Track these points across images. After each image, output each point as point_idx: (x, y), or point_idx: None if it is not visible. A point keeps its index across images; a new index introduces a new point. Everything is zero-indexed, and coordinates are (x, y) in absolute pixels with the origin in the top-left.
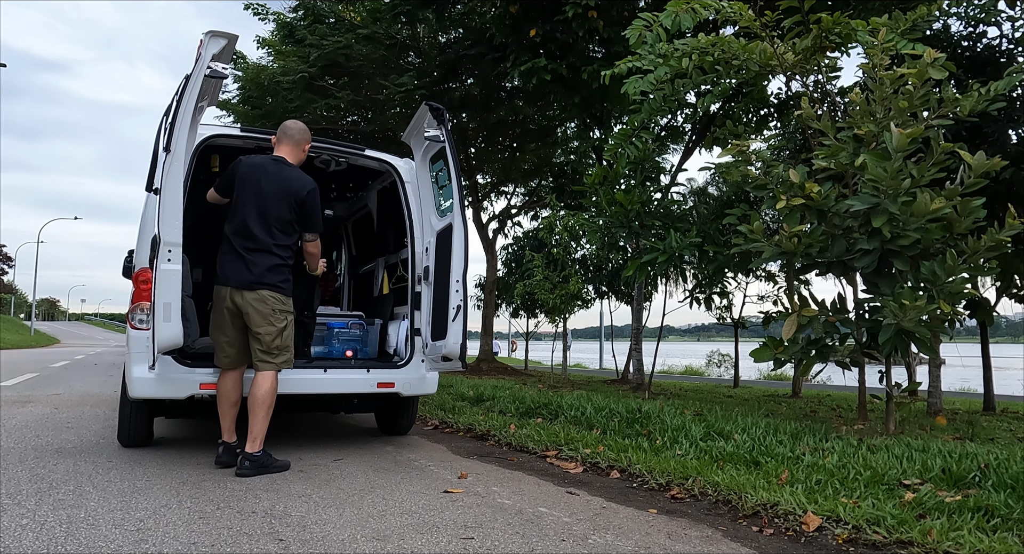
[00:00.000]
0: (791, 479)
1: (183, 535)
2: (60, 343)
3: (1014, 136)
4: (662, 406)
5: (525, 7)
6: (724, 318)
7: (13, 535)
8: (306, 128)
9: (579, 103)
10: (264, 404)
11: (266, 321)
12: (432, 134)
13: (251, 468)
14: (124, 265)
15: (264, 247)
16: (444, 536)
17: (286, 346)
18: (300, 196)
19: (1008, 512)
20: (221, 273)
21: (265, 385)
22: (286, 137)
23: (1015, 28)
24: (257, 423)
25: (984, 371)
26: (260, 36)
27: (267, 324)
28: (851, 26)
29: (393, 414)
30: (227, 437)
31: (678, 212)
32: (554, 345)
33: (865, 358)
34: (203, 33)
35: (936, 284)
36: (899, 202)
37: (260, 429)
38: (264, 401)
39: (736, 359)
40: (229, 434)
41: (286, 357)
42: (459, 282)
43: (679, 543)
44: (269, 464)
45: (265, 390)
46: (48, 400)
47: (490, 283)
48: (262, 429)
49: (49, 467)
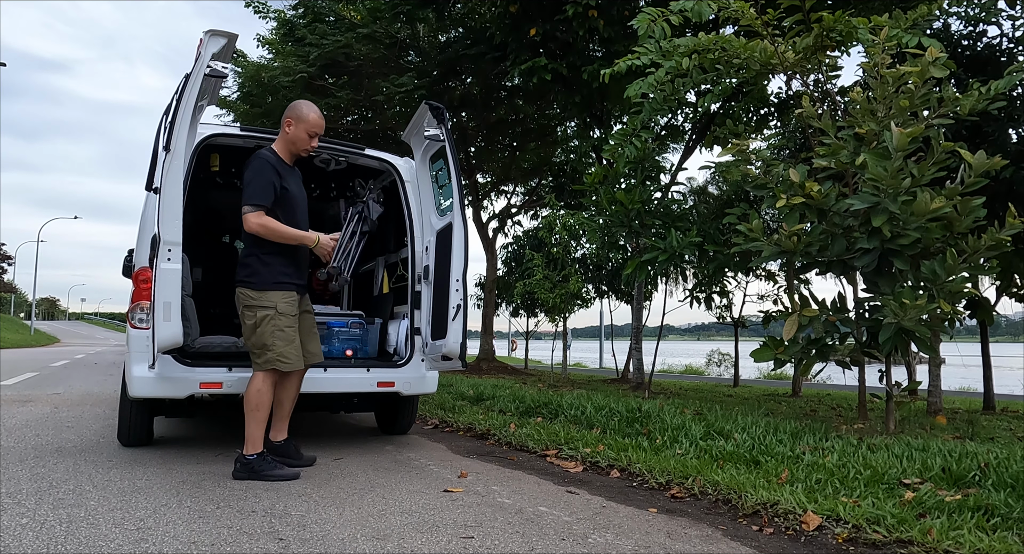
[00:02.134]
0: (791, 478)
1: (183, 534)
2: (60, 342)
3: (1014, 135)
4: (662, 405)
5: (525, 6)
6: (724, 317)
7: (13, 535)
8: (296, 104)
9: (579, 102)
10: (249, 406)
11: (242, 319)
12: (432, 133)
13: (241, 470)
14: (124, 264)
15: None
16: (444, 535)
17: (264, 344)
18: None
19: (1008, 511)
20: None
21: (250, 387)
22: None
23: (1015, 27)
24: (247, 425)
25: (984, 370)
26: (260, 35)
27: (243, 321)
28: (852, 25)
29: (393, 413)
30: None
31: (678, 211)
32: (554, 344)
33: (865, 357)
34: (203, 32)
35: (936, 283)
36: (899, 201)
37: (250, 432)
38: (249, 403)
39: (736, 358)
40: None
41: (268, 357)
42: (459, 281)
43: (679, 542)
44: (262, 469)
45: (250, 392)
46: (48, 399)
47: (490, 282)
48: (252, 432)
49: (49, 466)
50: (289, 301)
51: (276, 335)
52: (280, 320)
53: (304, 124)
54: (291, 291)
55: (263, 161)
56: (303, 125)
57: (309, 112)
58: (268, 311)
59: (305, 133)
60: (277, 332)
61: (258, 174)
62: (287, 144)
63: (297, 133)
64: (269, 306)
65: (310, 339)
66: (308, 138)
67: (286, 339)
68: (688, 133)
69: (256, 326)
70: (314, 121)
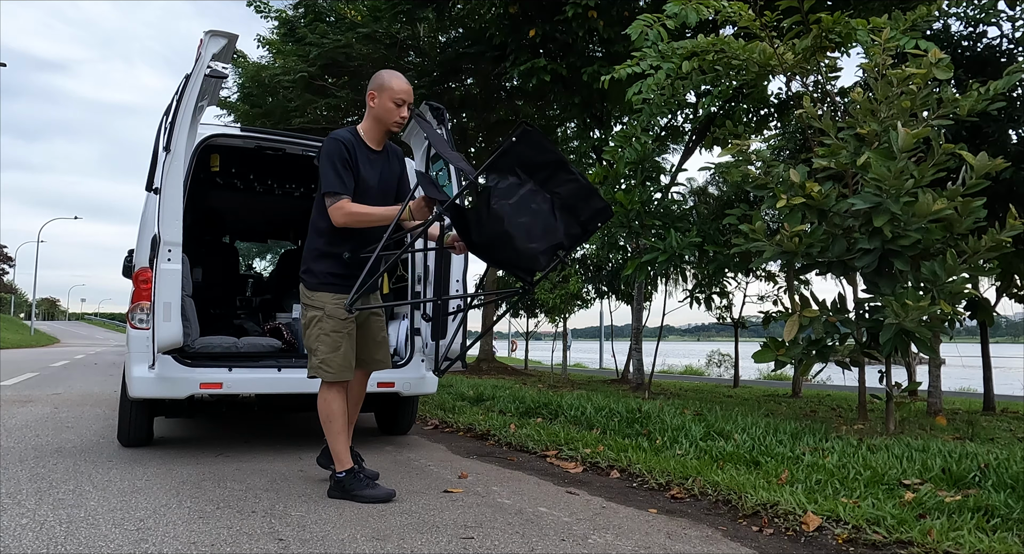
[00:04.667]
0: (791, 479)
1: (183, 535)
2: (60, 343)
3: (1014, 136)
4: (662, 406)
5: (525, 7)
6: (724, 318)
7: (13, 535)
8: (377, 74)
9: (579, 103)
10: (321, 418)
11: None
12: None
13: (334, 489)
14: (124, 265)
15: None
16: (444, 536)
17: (311, 348)
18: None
19: (1008, 512)
20: None
21: (318, 398)
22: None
23: (1015, 28)
24: (327, 440)
25: (984, 371)
26: (260, 35)
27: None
28: (851, 26)
29: (393, 414)
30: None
31: (678, 212)
32: (554, 345)
33: (865, 358)
34: (203, 32)
35: (937, 284)
36: (901, 202)
37: (331, 447)
38: (320, 415)
39: (736, 359)
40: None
41: (313, 362)
42: (459, 282)
43: (679, 543)
44: (352, 488)
45: (318, 404)
46: (48, 400)
47: (490, 283)
48: (332, 447)
49: (49, 467)
50: (339, 303)
51: (321, 340)
52: (326, 323)
53: (388, 92)
54: (343, 293)
55: (333, 141)
56: (387, 93)
57: (391, 78)
58: (317, 313)
59: (391, 101)
60: (323, 337)
61: (325, 158)
62: (373, 121)
63: (383, 104)
64: (318, 307)
65: (377, 347)
66: (396, 107)
67: (331, 346)
68: (688, 134)
69: (307, 327)
70: (399, 87)
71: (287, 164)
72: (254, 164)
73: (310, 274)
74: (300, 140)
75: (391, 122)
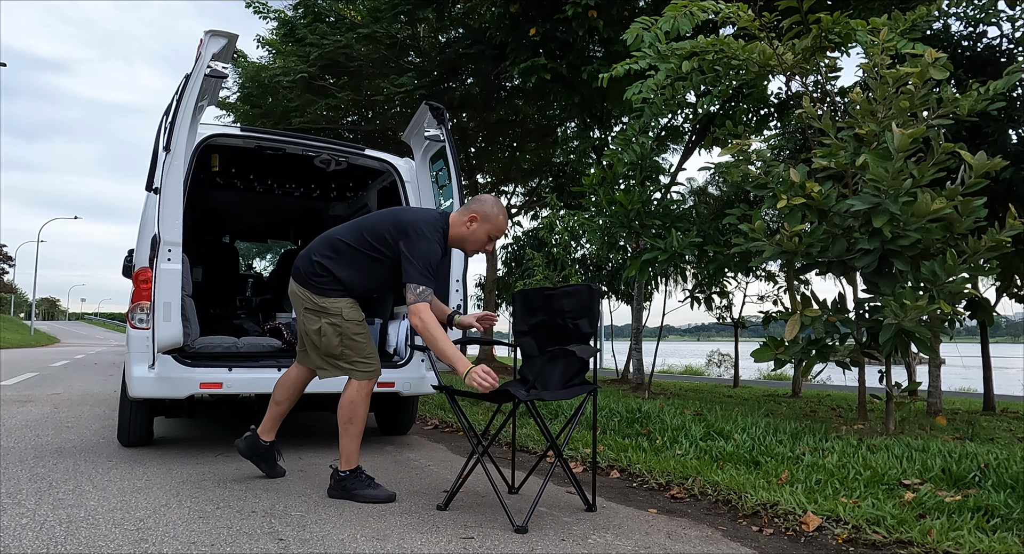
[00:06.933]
0: (791, 479)
1: (183, 535)
2: (60, 342)
3: (1014, 136)
4: (662, 406)
5: (525, 6)
6: (724, 318)
7: (13, 535)
8: (483, 200)
9: (579, 103)
10: (342, 418)
11: (302, 321)
12: (432, 134)
13: (334, 487)
14: (124, 264)
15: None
16: (444, 536)
17: (335, 354)
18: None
19: (1008, 512)
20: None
21: (343, 398)
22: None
23: (1015, 28)
24: (341, 439)
25: (984, 371)
26: (260, 35)
27: (303, 323)
28: (850, 26)
29: (393, 414)
30: (259, 430)
31: (678, 212)
32: None
33: (865, 358)
34: (203, 32)
35: (936, 284)
36: (900, 202)
37: (343, 446)
38: (341, 415)
39: (736, 359)
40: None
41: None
42: (459, 282)
43: (679, 543)
44: (353, 488)
45: (342, 404)
46: (48, 399)
47: (490, 283)
48: (345, 446)
49: (49, 467)
50: (354, 306)
51: (347, 344)
52: (348, 327)
53: (490, 225)
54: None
55: (432, 243)
56: (488, 226)
57: (499, 213)
58: (334, 319)
59: (487, 235)
60: (347, 341)
61: (424, 246)
62: (458, 239)
63: (479, 233)
64: (334, 312)
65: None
66: (488, 241)
67: (360, 346)
68: (688, 134)
69: (322, 335)
70: (502, 225)
71: (287, 164)
72: (254, 164)
73: (328, 281)
74: (300, 140)
75: (472, 250)
